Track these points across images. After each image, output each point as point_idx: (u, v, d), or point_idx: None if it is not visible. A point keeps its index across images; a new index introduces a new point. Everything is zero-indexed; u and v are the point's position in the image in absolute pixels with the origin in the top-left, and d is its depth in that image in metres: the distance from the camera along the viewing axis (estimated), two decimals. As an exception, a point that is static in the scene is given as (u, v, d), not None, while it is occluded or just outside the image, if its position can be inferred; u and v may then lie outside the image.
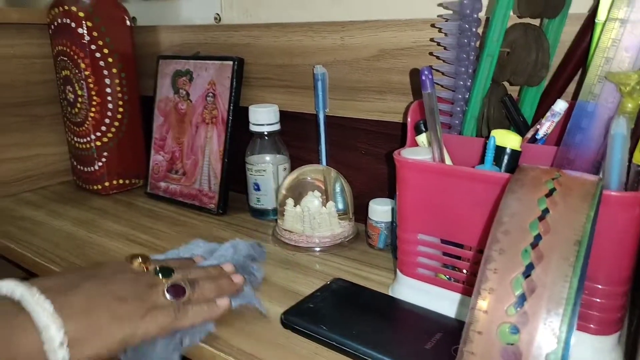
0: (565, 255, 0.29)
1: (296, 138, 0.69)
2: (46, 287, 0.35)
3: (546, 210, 0.31)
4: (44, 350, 0.32)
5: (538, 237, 0.30)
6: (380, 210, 0.55)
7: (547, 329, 0.28)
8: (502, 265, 0.30)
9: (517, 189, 0.33)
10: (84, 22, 0.71)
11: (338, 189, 0.58)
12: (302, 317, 0.42)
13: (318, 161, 0.65)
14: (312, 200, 0.55)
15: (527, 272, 0.29)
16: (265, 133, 0.65)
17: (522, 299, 0.29)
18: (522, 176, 0.33)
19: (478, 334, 0.29)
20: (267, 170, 0.64)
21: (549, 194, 0.31)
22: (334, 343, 0.39)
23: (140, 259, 0.42)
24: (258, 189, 0.65)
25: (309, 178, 0.58)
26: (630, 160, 0.33)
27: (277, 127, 0.65)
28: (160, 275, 0.41)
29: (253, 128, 0.65)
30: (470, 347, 0.29)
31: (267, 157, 0.66)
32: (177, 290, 0.40)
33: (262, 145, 0.66)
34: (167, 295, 0.39)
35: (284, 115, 0.66)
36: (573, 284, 0.28)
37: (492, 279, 0.30)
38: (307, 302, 0.44)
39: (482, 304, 0.29)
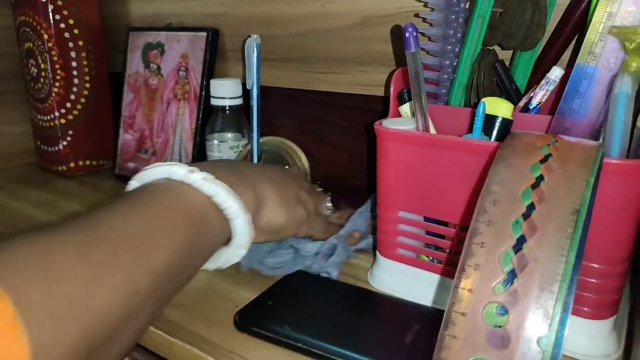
0: (561, 226, 0.25)
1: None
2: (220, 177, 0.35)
3: (541, 177, 0.27)
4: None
5: (531, 207, 0.26)
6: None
7: (539, 310, 0.24)
8: (489, 239, 0.26)
9: (508, 155, 0.29)
10: (47, -11, 0.66)
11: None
12: (260, 318, 0.36)
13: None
14: None
15: (518, 246, 0.26)
16: (227, 108, 0.61)
17: (512, 275, 0.25)
18: (515, 142, 0.30)
19: (461, 316, 0.25)
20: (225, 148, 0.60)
21: (544, 159, 0.28)
22: (302, 345, 0.33)
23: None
24: None
25: None
26: (634, 125, 0.29)
27: (239, 101, 0.61)
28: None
29: (214, 102, 0.60)
30: (452, 331, 0.25)
31: (229, 135, 0.61)
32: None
33: (224, 121, 0.61)
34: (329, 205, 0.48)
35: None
36: (570, 259, 0.25)
37: (478, 254, 0.26)
38: (263, 299, 0.38)
39: (467, 281, 0.26)
